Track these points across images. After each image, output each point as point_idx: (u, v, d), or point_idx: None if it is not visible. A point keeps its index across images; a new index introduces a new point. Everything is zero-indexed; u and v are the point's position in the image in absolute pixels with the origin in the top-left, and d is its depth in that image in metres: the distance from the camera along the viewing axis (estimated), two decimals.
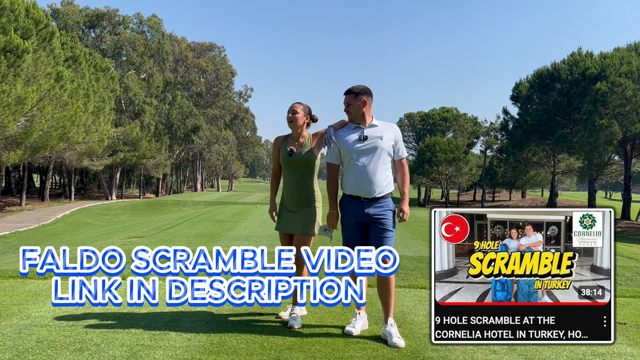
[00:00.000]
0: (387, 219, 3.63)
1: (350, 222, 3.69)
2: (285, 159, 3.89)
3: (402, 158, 3.80)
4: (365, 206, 3.63)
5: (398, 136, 3.75)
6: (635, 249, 13.63)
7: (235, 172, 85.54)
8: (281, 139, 3.99)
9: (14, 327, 3.49)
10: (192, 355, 3.03)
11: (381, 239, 3.59)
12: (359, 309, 3.73)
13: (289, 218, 3.91)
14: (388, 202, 3.69)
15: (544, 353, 3.25)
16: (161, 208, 31.64)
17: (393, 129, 3.74)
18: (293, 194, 3.88)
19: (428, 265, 7.31)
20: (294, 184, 3.87)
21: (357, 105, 3.67)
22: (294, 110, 3.89)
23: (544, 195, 68.64)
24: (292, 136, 3.95)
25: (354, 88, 3.71)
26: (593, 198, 38.90)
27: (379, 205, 3.63)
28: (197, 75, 61.65)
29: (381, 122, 3.76)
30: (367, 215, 3.62)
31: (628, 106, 35.06)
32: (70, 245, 11.56)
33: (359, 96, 3.68)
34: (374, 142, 3.63)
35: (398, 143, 3.74)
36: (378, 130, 3.68)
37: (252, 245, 8.61)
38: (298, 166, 3.86)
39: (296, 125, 3.88)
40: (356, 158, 3.63)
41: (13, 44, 19.69)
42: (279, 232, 4.02)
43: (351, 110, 3.69)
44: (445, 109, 63.29)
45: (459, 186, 65.21)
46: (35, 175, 60.47)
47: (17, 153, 22.52)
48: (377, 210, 3.62)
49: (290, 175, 3.90)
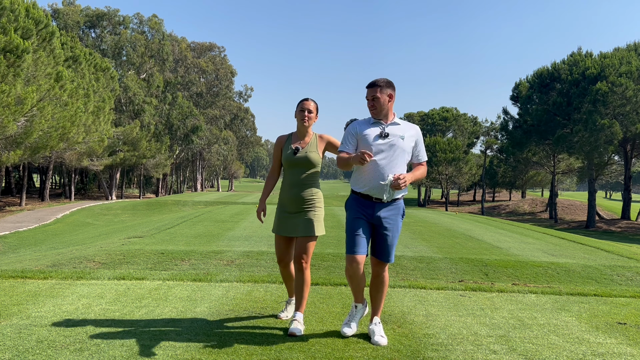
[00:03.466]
0: (396, 223, 3.48)
1: (358, 218, 3.46)
2: (289, 158, 3.70)
3: (421, 162, 3.55)
4: (376, 208, 3.43)
5: (419, 138, 3.53)
6: (635, 249, 13.64)
7: (235, 172, 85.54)
8: (285, 138, 3.83)
9: (14, 327, 3.49)
10: (192, 355, 3.03)
11: (386, 246, 3.48)
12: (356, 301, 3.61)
13: (289, 220, 3.72)
14: (399, 204, 3.51)
15: (544, 353, 3.25)
16: (161, 208, 31.64)
17: (415, 130, 3.52)
18: (295, 195, 3.69)
19: (428, 265, 7.32)
20: (297, 184, 3.69)
21: (384, 100, 3.41)
22: (309, 110, 3.72)
23: (544, 195, 68.62)
24: (298, 135, 3.78)
25: (379, 81, 3.42)
26: (593, 198, 38.89)
27: (391, 207, 3.45)
28: (197, 76, 61.67)
29: (403, 121, 3.53)
30: (376, 217, 3.43)
31: (628, 106, 35.06)
32: (70, 245, 11.56)
33: (386, 89, 3.41)
34: (395, 141, 3.40)
35: (419, 145, 3.52)
36: (400, 129, 3.45)
37: (252, 245, 8.62)
38: (302, 166, 3.69)
39: (307, 125, 3.73)
40: (373, 154, 3.37)
41: (13, 44, 19.69)
42: (276, 235, 3.83)
43: (376, 105, 3.41)
44: (445, 109, 63.31)
45: (459, 186, 65.21)
46: (35, 175, 60.49)
47: (17, 153, 22.52)
48: (388, 213, 3.45)
49: (293, 175, 3.71)
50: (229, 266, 6.87)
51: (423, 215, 18.15)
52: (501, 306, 4.54)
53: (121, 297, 4.46)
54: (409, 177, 3.34)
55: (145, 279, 5.28)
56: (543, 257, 8.40)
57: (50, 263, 7.10)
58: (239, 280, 5.29)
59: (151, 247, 8.22)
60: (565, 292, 5.26)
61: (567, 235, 13.43)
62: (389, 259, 3.52)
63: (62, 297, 4.38)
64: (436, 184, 58.07)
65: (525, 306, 4.57)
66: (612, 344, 3.48)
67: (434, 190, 78.65)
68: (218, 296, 4.58)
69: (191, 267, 6.83)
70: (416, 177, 3.47)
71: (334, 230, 10.46)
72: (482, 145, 59.18)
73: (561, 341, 3.52)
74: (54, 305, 4.09)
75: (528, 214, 50.04)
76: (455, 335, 3.57)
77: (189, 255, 7.48)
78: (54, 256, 8.14)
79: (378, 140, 3.40)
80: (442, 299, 4.78)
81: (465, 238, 10.82)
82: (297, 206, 3.70)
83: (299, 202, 3.69)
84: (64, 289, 4.70)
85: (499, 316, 4.16)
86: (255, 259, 7.32)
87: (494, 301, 4.75)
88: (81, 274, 5.47)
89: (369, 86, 3.43)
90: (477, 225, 14.82)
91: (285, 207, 3.75)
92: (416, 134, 3.51)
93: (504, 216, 47.01)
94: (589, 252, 9.39)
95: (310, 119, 3.73)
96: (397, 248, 8.62)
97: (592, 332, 3.76)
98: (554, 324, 3.98)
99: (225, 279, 5.35)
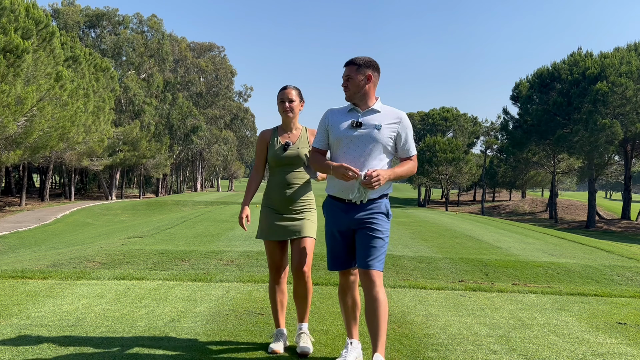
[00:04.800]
0: (377, 223, 2.88)
1: (333, 232, 2.98)
2: (278, 155, 3.28)
3: (410, 156, 2.97)
4: (352, 211, 2.89)
5: (404, 129, 2.94)
6: (635, 249, 13.64)
7: (235, 172, 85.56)
8: (269, 133, 3.39)
9: (14, 327, 3.49)
10: (192, 355, 3.03)
11: (369, 249, 2.83)
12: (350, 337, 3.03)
13: (281, 222, 3.28)
14: (379, 203, 2.92)
15: (544, 353, 3.25)
16: (161, 208, 31.64)
17: (397, 118, 2.93)
18: (287, 196, 3.28)
19: (428, 265, 7.31)
20: (288, 183, 3.28)
21: (358, 80, 2.90)
22: (289, 99, 3.30)
23: (544, 195, 68.62)
24: (284, 128, 3.38)
25: (357, 59, 2.93)
26: (593, 198, 38.90)
27: (369, 207, 2.90)
28: (196, 75, 61.67)
29: (388, 108, 2.99)
30: (351, 221, 2.90)
31: (628, 106, 35.08)
32: (70, 245, 11.56)
33: (362, 69, 2.90)
34: (368, 132, 2.87)
35: (403, 136, 2.94)
36: (377, 117, 2.91)
37: (252, 245, 8.61)
38: (293, 163, 3.29)
39: (292, 116, 3.33)
40: (344, 148, 2.91)
41: (13, 44, 19.69)
42: (267, 242, 3.34)
43: (350, 87, 2.92)
44: (445, 108, 63.33)
45: (459, 186, 65.27)
46: (35, 175, 60.46)
47: (17, 153, 22.53)
48: (364, 213, 2.89)
49: (283, 173, 3.30)
50: (229, 266, 6.87)
51: (423, 215, 18.15)
52: (501, 306, 4.54)
53: (121, 297, 4.46)
54: (385, 173, 2.78)
55: (145, 279, 5.28)
56: (543, 257, 8.40)
57: (50, 263, 7.10)
58: (239, 280, 5.29)
59: (151, 247, 8.22)
60: (566, 292, 5.26)
61: (567, 235, 13.43)
62: (371, 265, 2.81)
63: (62, 297, 4.38)
64: (436, 184, 58.05)
65: (525, 306, 4.57)
66: (612, 344, 3.48)
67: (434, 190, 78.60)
68: (218, 296, 4.58)
69: (191, 267, 6.83)
70: (398, 174, 2.89)
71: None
72: (482, 145, 59.26)
73: (561, 341, 3.51)
74: (54, 305, 4.09)
75: (528, 214, 50.05)
76: (455, 335, 3.57)
77: (189, 255, 7.47)
78: (54, 256, 8.14)
79: (349, 131, 2.90)
80: (442, 299, 4.78)
81: (465, 238, 10.82)
82: (289, 207, 3.29)
83: (291, 203, 3.29)
84: (64, 289, 4.70)
85: (499, 316, 4.16)
86: (255, 259, 7.32)
87: (494, 301, 4.75)
88: (81, 274, 5.47)
89: (345, 65, 2.96)
90: (477, 225, 14.82)
91: (275, 208, 3.32)
92: (399, 122, 2.93)
93: (504, 216, 47.02)
94: (589, 252, 9.39)
95: (294, 109, 3.32)
96: (397, 248, 8.61)
97: (592, 332, 3.76)
98: (554, 324, 3.97)
99: (225, 279, 5.35)
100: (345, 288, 3.06)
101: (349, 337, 3.03)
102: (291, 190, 3.29)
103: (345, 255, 2.99)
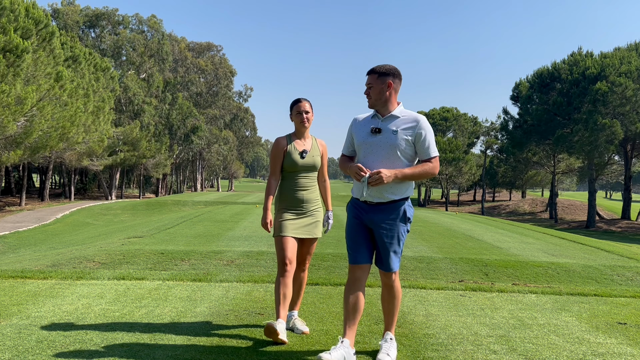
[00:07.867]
0: (393, 228, 3.06)
1: (353, 221, 3.16)
2: (296, 162, 3.62)
3: (429, 158, 3.07)
4: (370, 211, 3.08)
5: (422, 132, 3.03)
6: (635, 249, 13.65)
7: (235, 172, 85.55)
8: (285, 140, 3.70)
9: (14, 327, 3.49)
10: (192, 355, 3.03)
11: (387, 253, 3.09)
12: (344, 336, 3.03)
13: (299, 221, 3.63)
14: (398, 206, 3.07)
15: (544, 353, 3.25)
16: (161, 208, 31.63)
17: (415, 122, 3.05)
18: (303, 198, 3.65)
19: (428, 265, 7.31)
20: (304, 187, 3.66)
21: (379, 89, 3.06)
22: (306, 111, 3.65)
23: (544, 195, 68.63)
24: (298, 136, 3.72)
25: (379, 67, 3.08)
26: (593, 198, 38.89)
27: (386, 210, 3.06)
28: (196, 75, 61.66)
29: (407, 112, 3.12)
30: (371, 221, 3.09)
31: (628, 106, 35.08)
32: (70, 245, 11.56)
33: (383, 77, 3.05)
34: (386, 137, 3.03)
35: (421, 139, 3.03)
36: (396, 122, 3.05)
37: (252, 245, 8.61)
38: (309, 169, 3.67)
39: (308, 126, 3.69)
40: (364, 153, 3.09)
41: (13, 43, 19.69)
42: (283, 238, 3.55)
43: (372, 95, 3.08)
44: (445, 108, 63.27)
45: (459, 186, 65.22)
46: (35, 175, 60.48)
47: (17, 153, 22.52)
48: (382, 216, 3.06)
49: (299, 178, 3.66)
50: (229, 266, 6.87)
51: (423, 215, 18.15)
52: (501, 306, 4.54)
53: (121, 297, 4.46)
54: (389, 172, 2.93)
55: (145, 279, 5.28)
56: (543, 257, 8.40)
57: (50, 263, 7.10)
58: (238, 280, 5.29)
59: (151, 247, 8.22)
60: (566, 292, 5.26)
61: (567, 235, 13.43)
62: (388, 268, 3.11)
63: (62, 297, 4.38)
64: (436, 184, 58.08)
65: (525, 306, 4.57)
66: (612, 344, 3.48)
67: (434, 190, 78.62)
68: (218, 296, 4.57)
69: (191, 267, 6.83)
70: (407, 175, 3.00)
71: (334, 230, 10.45)
72: (482, 145, 59.25)
73: (561, 341, 3.51)
74: (54, 305, 4.09)
75: (528, 214, 50.05)
76: (455, 335, 3.57)
77: (189, 255, 7.47)
78: (54, 256, 8.14)
79: (369, 137, 3.08)
80: (442, 299, 4.78)
81: (465, 238, 10.82)
82: (306, 208, 3.67)
83: (307, 204, 3.67)
84: (64, 289, 4.70)
85: (499, 316, 4.16)
86: (255, 259, 7.32)
87: (494, 301, 4.75)
88: (81, 274, 5.47)
89: (368, 73, 3.13)
90: (477, 225, 14.82)
91: (294, 208, 3.64)
92: (418, 127, 3.04)
93: (504, 216, 47.02)
94: (589, 252, 9.39)
95: (310, 120, 3.69)
96: None
97: (592, 332, 3.75)
98: (554, 324, 3.97)
99: (225, 279, 5.35)
100: (351, 282, 3.10)
101: (342, 336, 3.03)
102: (306, 192, 3.68)
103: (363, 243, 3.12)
